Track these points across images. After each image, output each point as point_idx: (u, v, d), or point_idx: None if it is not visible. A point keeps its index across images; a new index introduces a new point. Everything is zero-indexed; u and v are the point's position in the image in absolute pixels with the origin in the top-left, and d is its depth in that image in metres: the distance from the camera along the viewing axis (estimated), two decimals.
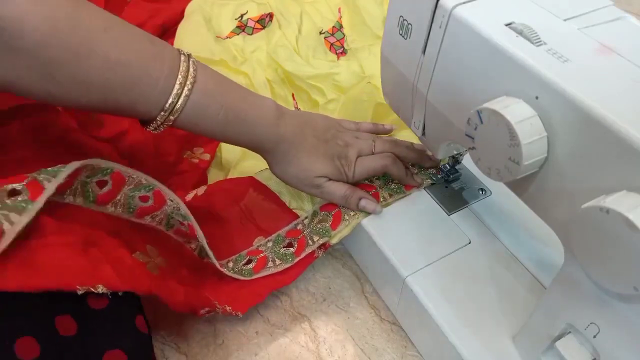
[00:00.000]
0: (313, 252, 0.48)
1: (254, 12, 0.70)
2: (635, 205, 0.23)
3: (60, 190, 0.36)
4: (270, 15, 0.69)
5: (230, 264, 0.47)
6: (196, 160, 0.57)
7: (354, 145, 0.48)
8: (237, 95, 0.42)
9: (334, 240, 0.48)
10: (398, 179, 0.50)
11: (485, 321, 0.40)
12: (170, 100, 0.37)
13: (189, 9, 0.72)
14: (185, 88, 0.38)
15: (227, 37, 0.67)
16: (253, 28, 0.68)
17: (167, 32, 0.71)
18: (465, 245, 0.45)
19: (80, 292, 0.32)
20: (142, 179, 0.42)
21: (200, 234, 0.43)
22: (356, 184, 0.49)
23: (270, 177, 0.51)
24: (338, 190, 0.47)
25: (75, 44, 0.33)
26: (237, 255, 0.49)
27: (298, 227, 0.50)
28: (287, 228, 0.50)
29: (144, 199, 0.43)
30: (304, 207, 0.51)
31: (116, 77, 0.35)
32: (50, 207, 0.34)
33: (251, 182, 0.53)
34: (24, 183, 0.33)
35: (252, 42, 0.67)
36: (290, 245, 0.49)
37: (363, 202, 0.47)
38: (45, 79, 0.34)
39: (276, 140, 0.44)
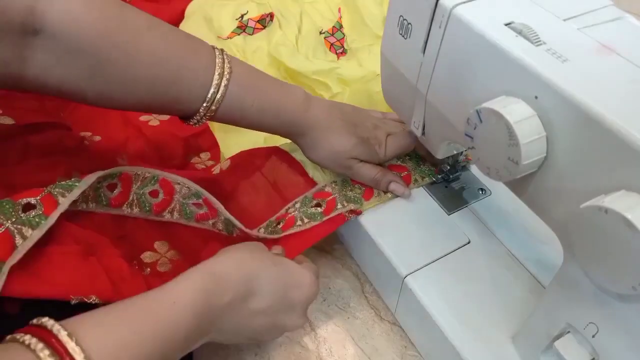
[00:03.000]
0: (342, 214, 0.47)
1: (254, 12, 0.70)
2: (634, 205, 0.23)
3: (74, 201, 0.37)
4: (271, 15, 0.69)
5: (262, 230, 0.47)
6: (202, 167, 0.56)
7: (383, 127, 0.49)
8: (268, 84, 0.44)
9: (365, 208, 0.48)
10: (428, 155, 0.50)
11: (484, 321, 0.40)
12: (211, 91, 0.39)
13: (189, 10, 0.72)
14: (224, 79, 0.40)
15: (228, 38, 0.67)
16: (254, 28, 0.68)
17: None
18: (465, 244, 0.45)
19: (73, 302, 0.31)
20: (146, 172, 0.42)
21: (219, 205, 0.43)
22: (388, 165, 0.50)
23: (295, 148, 0.51)
24: (369, 172, 0.48)
25: (124, 42, 0.35)
26: (266, 222, 0.48)
27: (326, 190, 0.50)
28: (314, 189, 0.50)
29: (153, 194, 0.43)
30: (327, 180, 0.51)
31: (162, 72, 0.37)
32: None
33: (276, 151, 0.53)
34: (39, 197, 0.34)
35: (253, 42, 0.67)
36: (318, 205, 0.49)
37: (393, 186, 0.48)
38: (97, 79, 0.35)
39: (306, 125, 0.45)
